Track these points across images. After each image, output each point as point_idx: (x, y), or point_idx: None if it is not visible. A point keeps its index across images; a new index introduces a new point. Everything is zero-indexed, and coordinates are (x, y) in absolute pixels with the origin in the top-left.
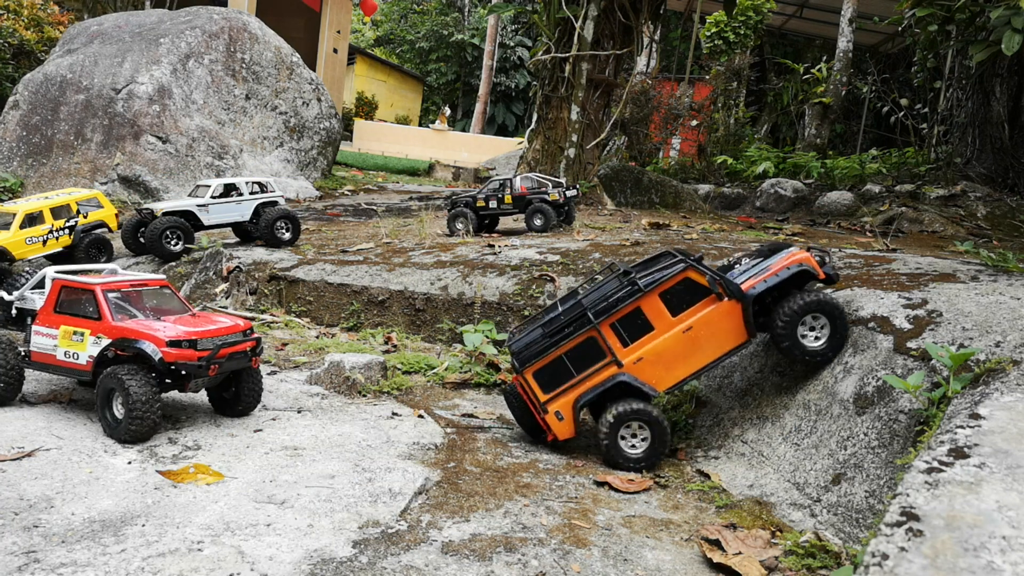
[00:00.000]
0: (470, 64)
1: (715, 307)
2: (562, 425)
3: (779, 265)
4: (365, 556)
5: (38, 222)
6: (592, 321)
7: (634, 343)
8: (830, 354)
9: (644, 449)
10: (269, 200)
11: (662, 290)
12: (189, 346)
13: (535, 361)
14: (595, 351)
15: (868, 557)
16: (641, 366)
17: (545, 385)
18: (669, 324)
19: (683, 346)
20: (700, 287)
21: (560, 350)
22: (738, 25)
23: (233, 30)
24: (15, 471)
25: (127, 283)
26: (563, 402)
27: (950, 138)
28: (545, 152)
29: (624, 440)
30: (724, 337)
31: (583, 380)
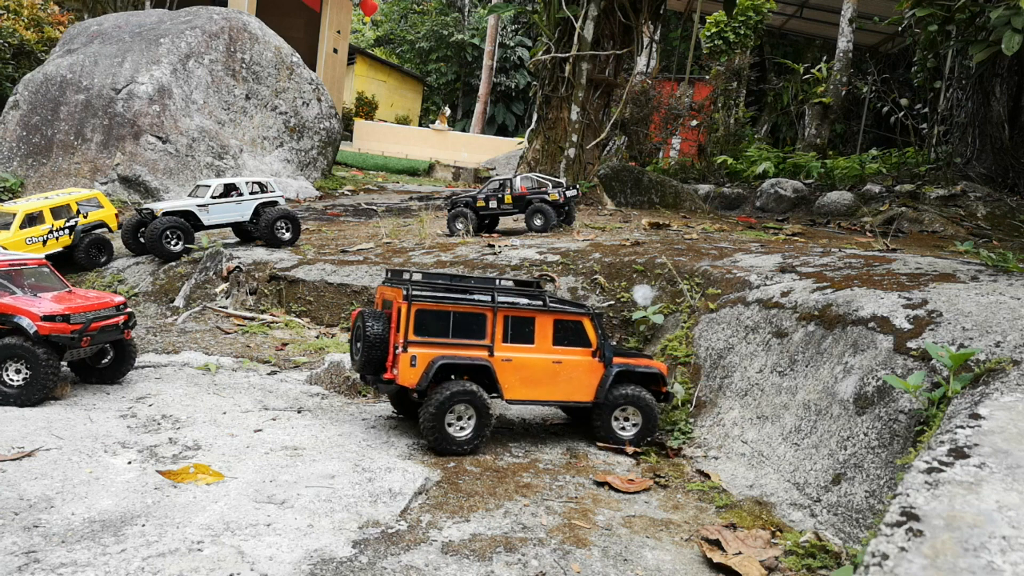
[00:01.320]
0: (470, 64)
1: (587, 360)
2: (411, 372)
3: (644, 362)
4: (365, 556)
5: (38, 222)
6: (495, 302)
7: (512, 344)
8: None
9: (470, 431)
10: (269, 200)
11: (560, 319)
12: (63, 320)
13: (428, 301)
14: (479, 329)
15: (868, 557)
16: (505, 367)
17: (420, 327)
18: (547, 349)
19: (545, 373)
20: (585, 336)
21: (455, 307)
22: (738, 25)
23: (233, 30)
24: (15, 471)
25: (6, 263)
26: (425, 353)
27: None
28: (545, 152)
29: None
30: (578, 387)
31: (453, 346)
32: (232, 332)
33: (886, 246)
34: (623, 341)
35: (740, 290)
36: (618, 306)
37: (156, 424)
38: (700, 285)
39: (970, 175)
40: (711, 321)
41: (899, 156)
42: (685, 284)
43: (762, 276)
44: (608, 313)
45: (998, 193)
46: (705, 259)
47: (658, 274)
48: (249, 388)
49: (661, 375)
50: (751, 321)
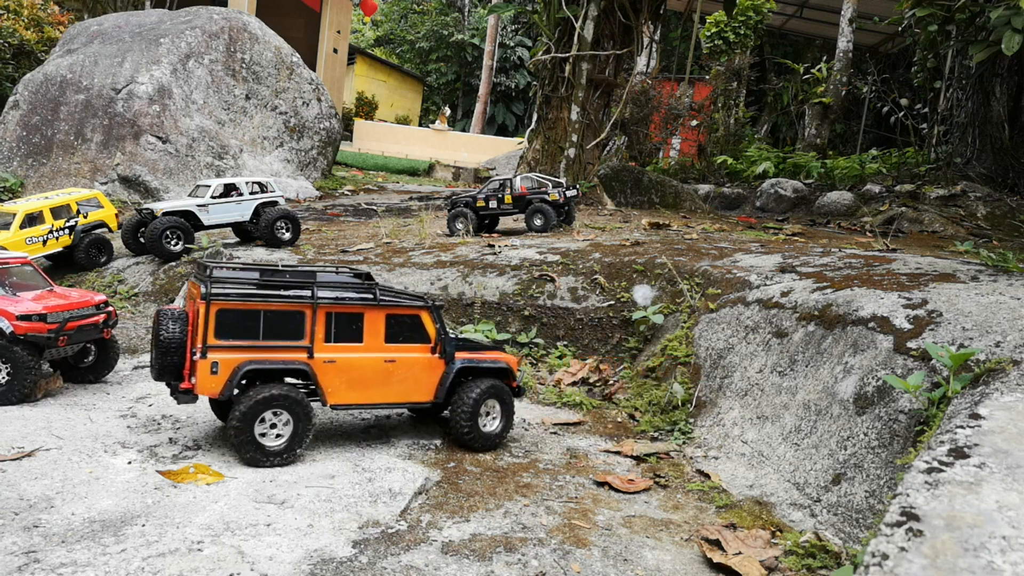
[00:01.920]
0: (470, 64)
1: (425, 357)
2: (212, 379)
3: (491, 355)
4: (365, 556)
5: (38, 222)
6: (314, 298)
7: (337, 344)
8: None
9: (286, 440)
10: (269, 200)
11: (392, 312)
12: (39, 319)
13: (231, 300)
14: (296, 328)
15: (868, 557)
16: (328, 369)
17: (221, 329)
18: (378, 347)
19: (377, 375)
20: (424, 331)
21: (265, 305)
22: (738, 25)
23: (233, 30)
24: (15, 471)
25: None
26: (229, 358)
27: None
28: (545, 152)
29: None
30: (416, 387)
31: (264, 349)
32: None
33: (886, 246)
34: (623, 341)
35: (740, 290)
36: (618, 306)
37: (156, 424)
38: (700, 285)
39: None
40: (711, 321)
41: (899, 156)
42: (685, 284)
43: (762, 276)
44: (608, 313)
45: (998, 193)
46: (705, 259)
47: (658, 274)
48: None
49: (509, 369)
50: (751, 321)
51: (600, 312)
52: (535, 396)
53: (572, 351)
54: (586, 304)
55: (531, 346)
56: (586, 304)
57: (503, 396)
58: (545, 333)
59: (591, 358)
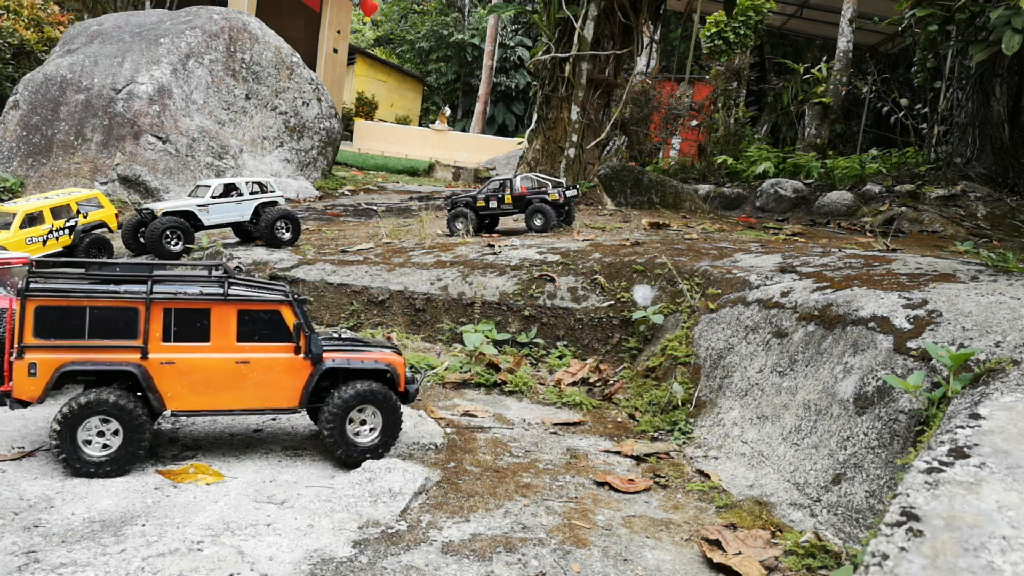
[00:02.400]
0: (470, 64)
1: (285, 357)
2: (29, 382)
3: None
4: (365, 556)
5: (38, 222)
6: (148, 294)
7: (177, 343)
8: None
9: (114, 449)
10: (269, 200)
11: (245, 308)
12: None
13: (50, 296)
14: (127, 326)
15: (868, 557)
16: (166, 371)
17: (41, 329)
18: (228, 347)
19: (227, 377)
20: (284, 329)
21: (90, 301)
22: (738, 25)
23: (233, 30)
24: (15, 471)
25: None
26: (49, 359)
27: (950, 138)
28: (545, 152)
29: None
30: (275, 391)
31: (89, 348)
32: None
33: (886, 246)
34: (623, 341)
35: (740, 290)
36: (618, 306)
37: (156, 424)
38: (700, 285)
39: (970, 175)
40: (711, 321)
41: (899, 156)
42: (685, 284)
43: (762, 276)
44: (608, 313)
45: (998, 193)
46: (705, 259)
47: (658, 274)
48: None
49: (391, 370)
50: (751, 321)
51: (600, 312)
52: (535, 396)
53: (572, 351)
54: (586, 304)
55: (531, 346)
56: (586, 304)
57: (383, 402)
58: (545, 333)
59: (591, 358)
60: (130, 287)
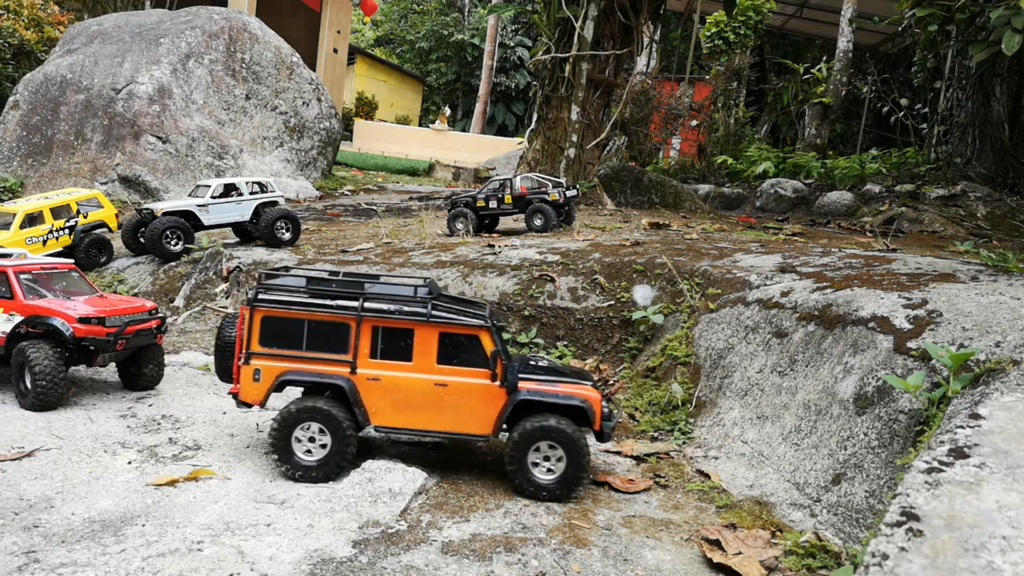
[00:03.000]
0: (470, 64)
1: (482, 383)
2: (254, 387)
3: (569, 389)
4: (365, 556)
5: (38, 222)
6: (360, 310)
7: (383, 361)
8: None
9: (322, 457)
10: (269, 200)
11: (446, 331)
12: (98, 323)
13: (275, 307)
14: (340, 341)
15: (868, 557)
16: (371, 387)
17: (266, 337)
18: (428, 368)
19: (426, 398)
20: (482, 354)
21: (309, 315)
22: (738, 25)
23: (233, 30)
24: (15, 471)
25: (38, 266)
26: (271, 367)
27: (950, 138)
28: (545, 152)
29: (300, 444)
30: (470, 416)
31: (306, 360)
32: None
33: (886, 246)
34: (623, 341)
35: (740, 290)
36: (618, 306)
37: (156, 424)
38: (700, 285)
39: (970, 175)
40: (711, 321)
41: (899, 156)
42: (685, 284)
43: (762, 276)
44: (608, 313)
45: (998, 193)
46: (705, 259)
47: (658, 274)
48: None
49: (586, 408)
50: (751, 321)
51: (600, 312)
52: None
53: (572, 351)
54: (586, 304)
55: (531, 346)
56: (586, 304)
57: (569, 442)
58: (545, 333)
59: (591, 358)
60: (343, 303)
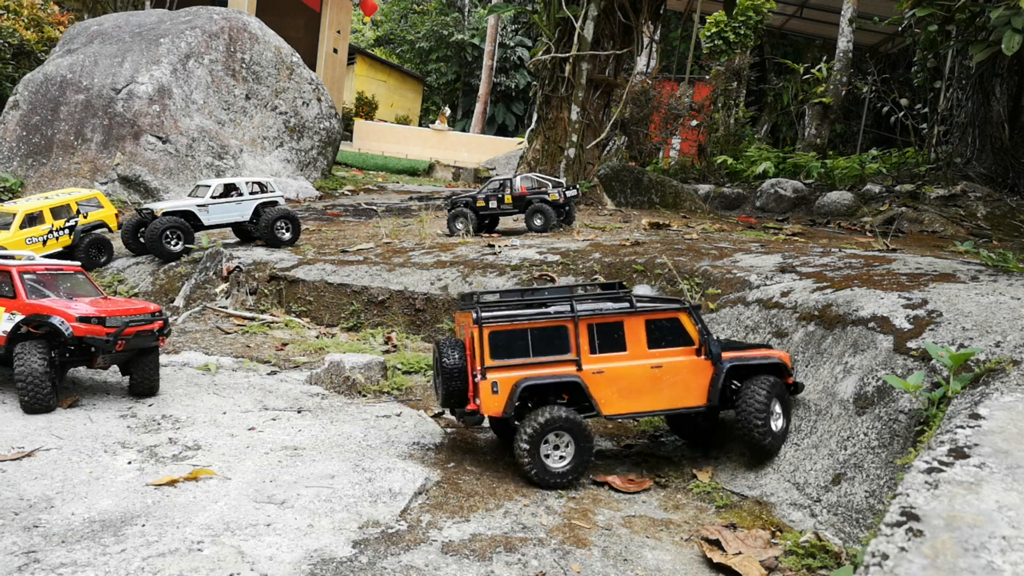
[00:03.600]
0: (470, 64)
1: (690, 359)
2: (494, 399)
3: (761, 352)
4: (365, 556)
5: (38, 222)
6: (574, 312)
7: (602, 354)
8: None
9: (569, 461)
10: (269, 200)
11: (651, 318)
12: (98, 322)
13: (500, 322)
14: (562, 343)
15: (868, 557)
16: (597, 380)
17: (496, 351)
18: (642, 354)
19: (645, 381)
20: (686, 334)
21: (530, 324)
22: (738, 25)
23: (233, 30)
24: (15, 471)
25: (42, 266)
26: (506, 377)
27: (950, 138)
28: (545, 152)
29: (546, 448)
30: (685, 391)
31: (536, 365)
32: (232, 332)
33: (886, 246)
34: None
35: (740, 290)
36: None
37: (156, 424)
38: (700, 285)
39: (970, 175)
40: (711, 321)
41: (899, 156)
42: (685, 284)
43: (762, 276)
44: None
45: (998, 193)
46: (705, 259)
47: (658, 274)
48: (249, 388)
49: (783, 364)
50: (751, 321)
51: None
52: None
53: None
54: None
55: None
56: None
57: (783, 394)
58: None
59: None
60: (557, 308)
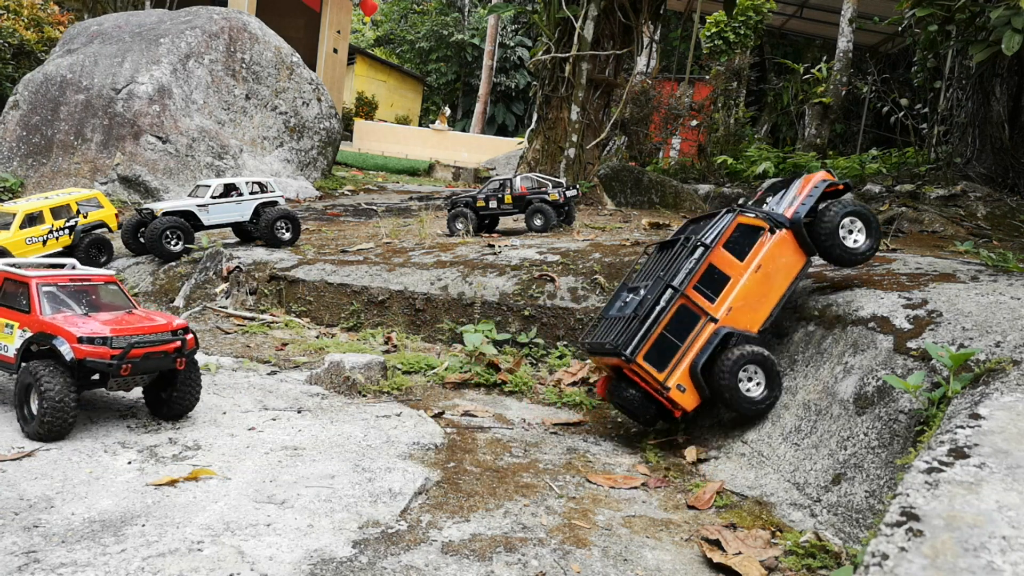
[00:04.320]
0: (470, 64)
1: (772, 241)
2: (686, 396)
3: (805, 190)
4: (365, 556)
5: (38, 222)
6: (678, 289)
7: (719, 297)
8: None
9: (763, 390)
10: (269, 200)
11: (724, 241)
12: (102, 343)
13: (641, 346)
14: (690, 317)
15: (868, 557)
16: (733, 315)
17: (658, 364)
18: (741, 269)
19: (759, 285)
20: (753, 228)
21: (660, 327)
22: (738, 25)
23: (233, 30)
24: (15, 471)
25: (67, 277)
26: (680, 374)
27: (950, 138)
28: (545, 152)
29: (743, 384)
30: (788, 266)
31: (689, 347)
32: (232, 332)
33: (886, 246)
34: None
35: None
36: None
37: (156, 424)
38: None
39: (970, 175)
40: None
41: (899, 156)
42: None
43: None
44: None
45: (998, 193)
46: None
47: None
48: (249, 388)
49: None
50: None
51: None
52: (535, 396)
53: (572, 351)
54: (586, 304)
55: (531, 346)
56: (586, 304)
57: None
58: (545, 333)
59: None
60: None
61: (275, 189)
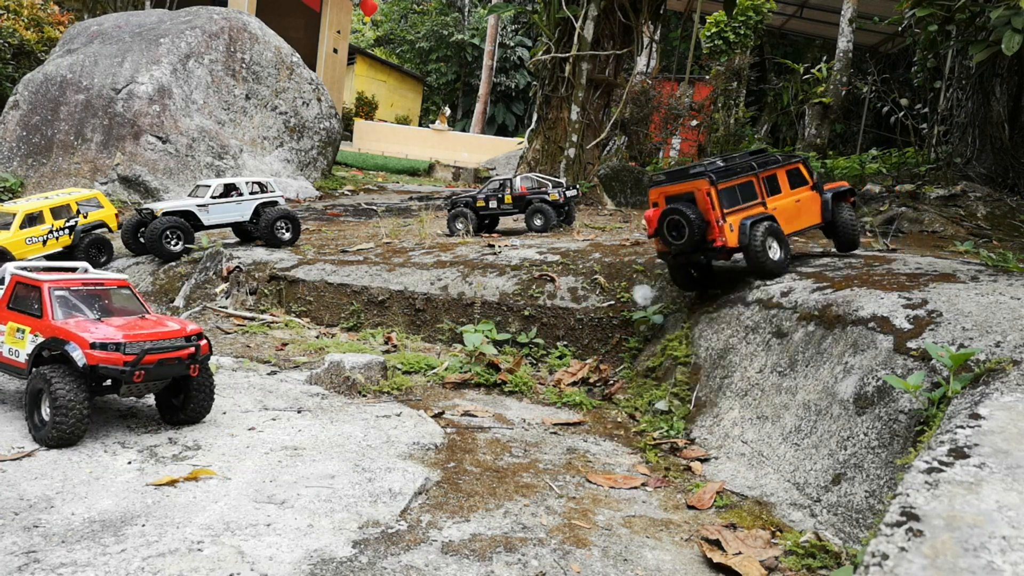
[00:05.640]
0: (470, 64)
1: (810, 193)
2: (732, 235)
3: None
4: (365, 556)
5: (38, 222)
6: (755, 168)
7: (771, 197)
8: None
9: (780, 255)
10: (269, 200)
11: (788, 169)
12: (115, 349)
13: (725, 180)
14: (752, 192)
15: (868, 557)
16: (776, 215)
17: (724, 203)
18: (789, 193)
19: (794, 210)
20: (803, 177)
21: (737, 180)
22: (738, 25)
23: (233, 30)
24: (15, 471)
25: (79, 281)
26: (734, 219)
27: (950, 138)
28: (545, 152)
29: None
30: (811, 214)
31: (745, 209)
32: (232, 332)
33: (886, 246)
34: (623, 341)
35: (740, 290)
36: (618, 306)
37: (156, 424)
38: None
39: (970, 175)
40: (711, 321)
41: (899, 156)
42: None
43: None
44: (608, 313)
45: (998, 193)
46: None
47: (658, 274)
48: (249, 388)
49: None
50: (751, 321)
51: (600, 312)
52: (535, 396)
53: (572, 351)
54: (586, 304)
55: (531, 346)
56: (586, 304)
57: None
58: (545, 333)
59: (591, 358)
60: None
61: (275, 189)
